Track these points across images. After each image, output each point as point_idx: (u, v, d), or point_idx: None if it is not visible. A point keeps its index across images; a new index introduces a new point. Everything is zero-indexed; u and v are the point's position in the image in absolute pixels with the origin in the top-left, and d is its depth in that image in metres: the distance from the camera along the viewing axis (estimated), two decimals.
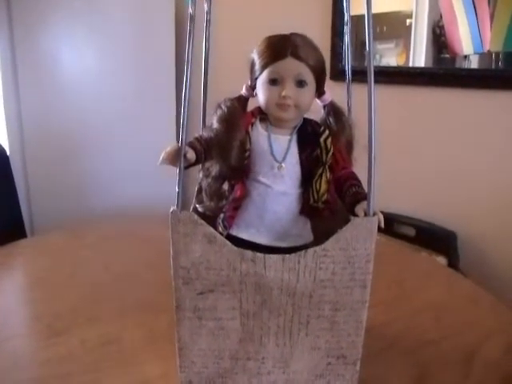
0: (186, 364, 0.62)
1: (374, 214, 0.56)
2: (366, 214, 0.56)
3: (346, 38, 0.73)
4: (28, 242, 1.35)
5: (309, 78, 0.61)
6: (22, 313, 0.94)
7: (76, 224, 1.45)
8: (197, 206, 0.66)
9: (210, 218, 0.63)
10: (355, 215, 0.57)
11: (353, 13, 0.72)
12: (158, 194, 1.40)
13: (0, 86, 1.83)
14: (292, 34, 0.61)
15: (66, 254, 1.17)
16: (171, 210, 0.55)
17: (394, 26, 1.67)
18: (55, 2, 1.86)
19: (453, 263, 1.48)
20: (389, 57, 1.70)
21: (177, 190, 0.56)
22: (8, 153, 1.54)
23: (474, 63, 1.51)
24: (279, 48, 0.60)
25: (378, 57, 1.70)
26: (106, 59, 2.01)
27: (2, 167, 1.45)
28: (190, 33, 0.54)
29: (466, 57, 1.51)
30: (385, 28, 1.68)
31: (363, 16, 0.54)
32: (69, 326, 0.84)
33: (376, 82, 0.53)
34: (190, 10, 0.54)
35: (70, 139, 1.98)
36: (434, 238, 1.56)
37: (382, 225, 0.57)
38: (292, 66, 0.60)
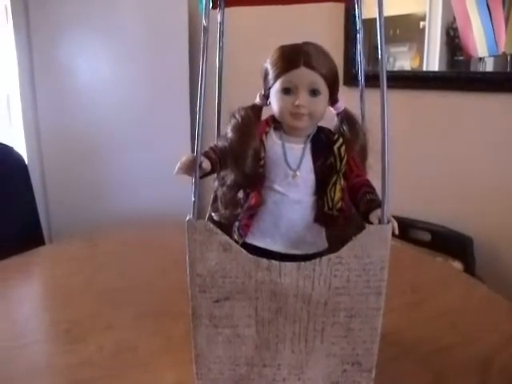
0: (202, 371, 0.63)
1: (388, 222, 0.56)
2: (380, 222, 0.57)
3: (359, 47, 0.73)
4: (46, 249, 1.37)
5: (322, 86, 0.61)
6: (40, 319, 0.95)
7: (93, 230, 1.47)
8: (212, 214, 0.67)
9: (225, 227, 0.63)
10: (369, 223, 0.58)
11: (366, 16, 0.72)
12: (173, 200, 1.41)
13: (18, 96, 1.87)
14: (304, 43, 0.62)
15: (82, 262, 1.18)
16: (187, 218, 0.56)
17: (408, 29, 1.66)
18: (72, 13, 1.90)
19: (469, 268, 1.46)
20: (402, 60, 1.69)
21: (192, 199, 0.56)
22: (26, 162, 1.57)
23: (489, 65, 1.50)
24: (292, 58, 0.60)
25: (391, 60, 1.70)
26: (121, 68, 2.04)
27: (21, 176, 1.47)
28: (203, 45, 0.54)
29: (480, 59, 1.50)
30: (398, 31, 1.68)
31: (376, 20, 0.54)
32: (86, 333, 0.85)
33: (390, 87, 0.53)
34: (204, 23, 0.54)
35: (87, 147, 2.01)
36: (449, 243, 1.55)
37: (396, 232, 0.57)
38: (305, 76, 0.60)
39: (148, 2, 2.03)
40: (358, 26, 0.71)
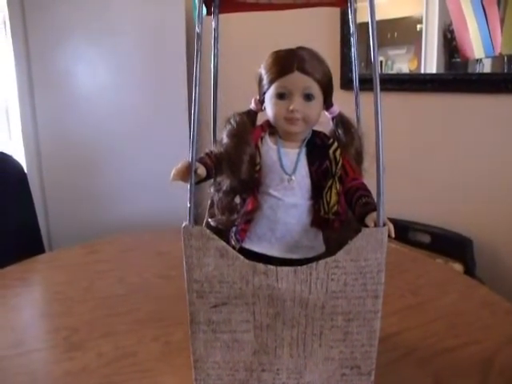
0: (201, 376, 0.63)
1: (384, 224, 0.56)
2: (375, 225, 0.57)
3: (353, 50, 0.73)
4: (45, 257, 1.37)
5: (316, 91, 0.61)
6: (39, 327, 0.95)
7: (92, 237, 1.47)
8: (209, 220, 0.67)
9: (222, 232, 0.64)
10: (366, 226, 0.58)
11: (363, 19, 0.72)
12: (172, 206, 1.41)
13: (17, 104, 1.87)
14: (298, 48, 0.62)
15: (82, 268, 1.18)
16: (183, 225, 0.56)
17: (405, 32, 1.67)
18: (70, 22, 1.91)
19: (469, 270, 1.46)
20: (401, 63, 1.69)
21: (188, 205, 0.56)
22: (25, 170, 1.57)
23: (486, 67, 1.50)
24: (286, 63, 0.61)
25: (389, 63, 1.70)
26: (120, 77, 2.05)
27: (20, 184, 1.47)
28: (197, 51, 0.55)
29: (478, 61, 1.50)
30: (396, 34, 1.69)
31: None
32: (85, 340, 0.85)
33: (387, 89, 0.53)
34: (197, 29, 0.55)
35: (86, 155, 2.01)
36: (449, 245, 1.55)
37: (393, 234, 0.57)
38: (299, 80, 0.60)
39: (145, 9, 2.04)
40: (352, 30, 0.71)
